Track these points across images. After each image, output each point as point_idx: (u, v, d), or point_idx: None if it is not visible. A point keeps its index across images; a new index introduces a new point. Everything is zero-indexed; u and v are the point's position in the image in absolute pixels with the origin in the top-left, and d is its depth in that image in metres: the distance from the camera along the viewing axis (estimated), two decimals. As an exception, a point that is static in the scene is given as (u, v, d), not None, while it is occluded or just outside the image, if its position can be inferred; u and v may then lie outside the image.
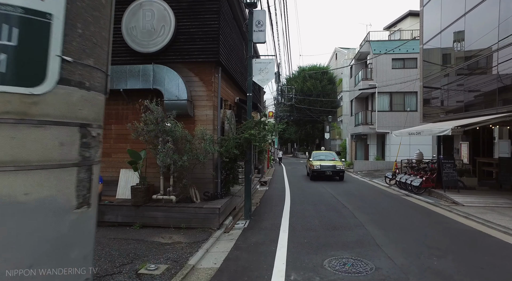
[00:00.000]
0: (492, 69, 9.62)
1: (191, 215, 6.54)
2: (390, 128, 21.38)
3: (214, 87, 7.51)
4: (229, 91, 9.41)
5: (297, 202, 9.75)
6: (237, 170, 8.18)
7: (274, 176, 18.62)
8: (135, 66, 7.19)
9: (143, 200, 6.64)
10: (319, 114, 40.06)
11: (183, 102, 7.10)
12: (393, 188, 12.92)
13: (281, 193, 11.89)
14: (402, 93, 21.55)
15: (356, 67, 24.88)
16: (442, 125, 10.21)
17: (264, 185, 14.32)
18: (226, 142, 7.28)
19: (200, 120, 7.47)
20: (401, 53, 21.53)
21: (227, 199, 7.46)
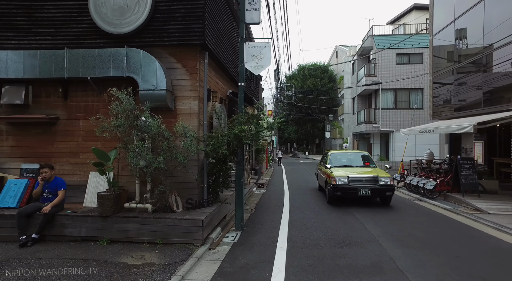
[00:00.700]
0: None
1: (170, 228, 5.36)
2: (395, 126, 20.23)
3: (199, 75, 6.33)
4: (220, 83, 8.23)
5: (297, 208, 8.57)
6: (227, 173, 7.00)
7: (273, 177, 17.44)
8: (105, 50, 6.00)
9: (112, 209, 5.45)
10: (319, 113, 38.88)
11: (161, 92, 5.93)
12: (402, 190, 11.74)
13: (279, 196, 10.71)
14: (407, 90, 20.38)
15: (358, 63, 23.71)
16: (460, 122, 9.03)
17: (262, 188, 13.15)
18: (213, 140, 6.10)
19: (183, 114, 6.29)
20: (406, 48, 20.36)
21: (214, 207, 6.28)
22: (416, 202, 9.57)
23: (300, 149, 47.60)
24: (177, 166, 5.75)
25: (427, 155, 12.31)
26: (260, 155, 16.76)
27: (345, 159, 10.31)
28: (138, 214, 5.58)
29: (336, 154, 10.84)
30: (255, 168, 15.13)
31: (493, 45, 9.38)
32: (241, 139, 5.90)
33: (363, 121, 21.44)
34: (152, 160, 5.25)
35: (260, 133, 6.08)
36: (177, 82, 6.31)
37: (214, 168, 6.47)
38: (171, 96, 6.19)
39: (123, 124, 5.20)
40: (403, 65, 20.23)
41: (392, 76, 19.75)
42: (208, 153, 6.02)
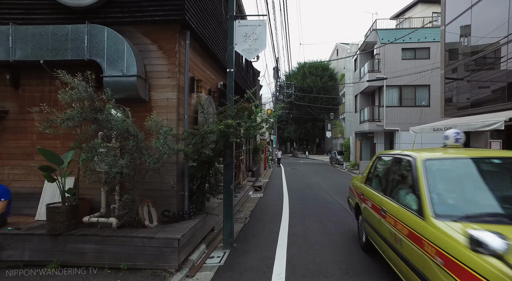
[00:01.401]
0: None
1: (137, 249, 4.20)
2: (400, 125, 19.05)
3: (179, 59, 5.17)
4: (208, 73, 7.06)
5: (297, 216, 7.41)
6: (216, 177, 5.83)
7: (272, 179, 16.28)
8: (62, 27, 4.83)
9: (66, 225, 4.29)
10: (319, 112, 37.75)
11: (130, 79, 4.76)
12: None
13: (278, 201, 9.55)
14: (412, 87, 19.20)
15: (361, 59, 22.53)
16: (483, 118, 7.88)
17: (259, 191, 11.99)
18: (195, 138, 4.94)
19: (159, 107, 5.13)
20: (412, 42, 19.17)
21: (198, 220, 5.12)
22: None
23: (300, 149, 46.45)
24: (149, 170, 4.59)
25: (440, 155, 11.16)
26: (257, 155, 15.60)
27: (486, 185, 3.13)
28: (99, 230, 4.41)
29: (448, 165, 3.50)
30: (252, 169, 13.98)
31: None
32: (228, 137, 4.74)
33: (366, 119, 20.27)
34: (113, 163, 4.08)
35: (253, 129, 4.91)
36: (152, 67, 5.16)
37: (198, 172, 5.31)
38: (143, 84, 5.02)
39: (74, 118, 4.03)
40: (408, 60, 19.06)
41: (397, 72, 18.58)
42: (188, 154, 4.85)
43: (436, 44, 18.73)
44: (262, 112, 5.08)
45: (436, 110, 18.51)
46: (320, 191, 11.83)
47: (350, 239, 5.62)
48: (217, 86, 7.77)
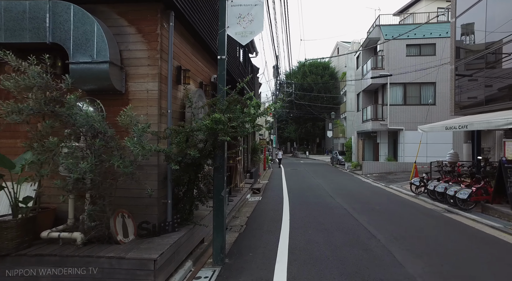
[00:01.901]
0: None
1: (104, 273, 3.41)
2: (404, 124, 18.27)
3: (162, 43, 4.37)
4: (199, 63, 6.26)
5: (299, 224, 6.62)
6: (206, 182, 5.04)
7: (271, 180, 15.47)
8: (18, 2, 4.03)
9: (16, 243, 3.49)
10: (320, 112, 36.95)
11: (102, 67, 3.97)
12: (422, 198, 9.78)
13: (277, 206, 8.75)
14: (417, 84, 18.40)
15: (363, 56, 21.73)
16: (505, 114, 7.07)
17: (257, 194, 11.20)
18: (179, 137, 4.14)
19: (137, 100, 4.34)
20: (416, 38, 18.37)
21: (182, 232, 4.32)
22: (447, 215, 7.60)
23: (300, 149, 45.63)
24: (123, 175, 3.79)
25: (451, 155, 10.37)
26: (256, 155, 14.80)
27: None
28: (60, 248, 3.62)
29: None
30: (250, 170, 13.18)
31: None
32: (217, 134, 3.94)
33: (369, 118, 19.47)
34: (72, 167, 3.29)
35: (246, 125, 4.11)
36: (130, 54, 4.36)
37: (184, 176, 4.51)
38: (119, 73, 4.23)
39: (22, 111, 3.23)
40: (413, 57, 18.25)
41: (402, 69, 17.78)
42: (169, 155, 4.05)
43: (442, 40, 17.96)
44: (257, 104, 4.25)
45: (442, 109, 17.72)
46: (323, 193, 11.03)
47: (362, 254, 4.82)
48: (210, 79, 6.97)
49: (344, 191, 11.59)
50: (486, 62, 9.65)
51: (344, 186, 13.33)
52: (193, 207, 4.88)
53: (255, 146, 14.76)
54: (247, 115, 4.06)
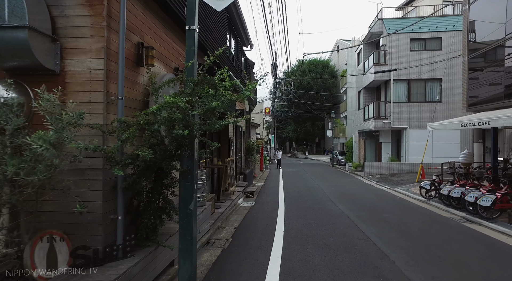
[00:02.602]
0: None
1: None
2: (408, 123, 17.18)
3: (111, 8, 3.26)
4: (173, 44, 5.14)
5: (294, 238, 5.52)
6: (175, 190, 3.92)
7: (267, 182, 14.37)
8: None
9: None
10: (319, 111, 35.85)
11: (17, 35, 2.86)
12: (434, 203, 8.67)
13: (271, 213, 7.65)
14: (422, 81, 17.30)
15: (365, 52, 20.63)
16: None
17: (250, 198, 10.10)
18: (128, 131, 3.03)
19: (76, 83, 3.24)
20: (421, 32, 17.28)
21: (137, 258, 3.21)
22: (468, 226, 6.49)
23: (300, 149, 44.53)
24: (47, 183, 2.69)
25: (465, 156, 9.28)
26: (251, 155, 13.69)
27: None
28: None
29: None
30: (244, 172, 12.07)
31: None
32: (173, 125, 2.84)
33: (371, 117, 18.38)
34: None
35: (213, 113, 2.99)
36: (66, 21, 3.25)
37: (137, 185, 3.39)
38: (49, 46, 3.12)
39: None
40: (418, 52, 17.15)
41: (406, 64, 16.68)
42: (111, 156, 2.95)
43: (448, 33, 16.88)
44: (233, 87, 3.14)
45: (449, 106, 16.61)
46: (322, 197, 9.93)
47: (364, 271, 3.72)
48: (190, 66, 5.85)
49: (346, 195, 10.49)
50: (506, 52, 8.54)
51: (346, 188, 12.23)
52: (158, 222, 3.76)
53: (250, 145, 13.66)
54: (220, 98, 2.93)
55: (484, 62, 9.64)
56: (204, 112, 2.88)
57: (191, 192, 3.41)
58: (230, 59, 9.25)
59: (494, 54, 9.06)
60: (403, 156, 17.52)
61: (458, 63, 16.18)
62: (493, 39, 9.01)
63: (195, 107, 2.87)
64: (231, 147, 10.02)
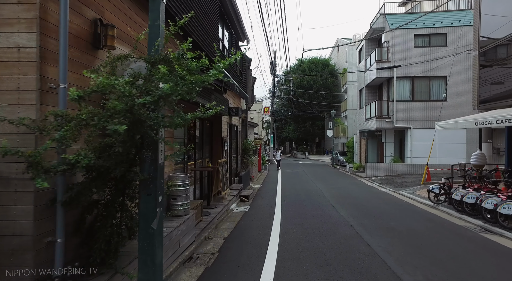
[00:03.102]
0: None
1: None
2: (412, 122, 16.38)
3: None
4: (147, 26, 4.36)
5: (290, 252, 4.74)
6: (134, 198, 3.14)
7: (265, 184, 13.58)
8: None
9: None
10: (320, 110, 35.05)
11: None
12: (444, 209, 7.88)
13: (266, 220, 6.87)
14: (427, 78, 16.50)
15: (366, 49, 19.82)
16: None
17: (245, 202, 9.31)
18: (65, 128, 2.24)
19: (0, 65, 2.46)
20: (426, 27, 16.49)
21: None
22: (488, 237, 5.69)
23: (299, 149, 43.72)
24: None
25: (477, 157, 8.46)
26: (247, 156, 12.90)
27: None
28: None
29: None
30: (239, 173, 11.29)
31: None
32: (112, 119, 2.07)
33: (373, 116, 17.59)
34: None
35: (168, 101, 2.21)
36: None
37: (88, 196, 2.61)
38: (-40, 14, 2.34)
39: None
40: (422, 48, 16.35)
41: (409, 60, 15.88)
42: (33, 162, 2.17)
43: (454, 29, 16.08)
44: (198, 67, 2.33)
45: (455, 105, 15.80)
46: (323, 202, 9.14)
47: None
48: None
49: (348, 199, 9.70)
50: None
51: (347, 191, 11.44)
52: (120, 242, 2.99)
53: (246, 145, 12.87)
54: (171, 79, 2.13)
55: (498, 56, 8.86)
56: (156, 100, 2.10)
57: (154, 206, 2.63)
58: (223, 53, 8.47)
59: (509, 47, 8.28)
60: (407, 156, 16.73)
61: (464, 59, 15.40)
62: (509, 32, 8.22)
63: (144, 93, 2.10)
64: (224, 147, 9.24)
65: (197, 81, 2.21)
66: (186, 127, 6.75)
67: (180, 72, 2.13)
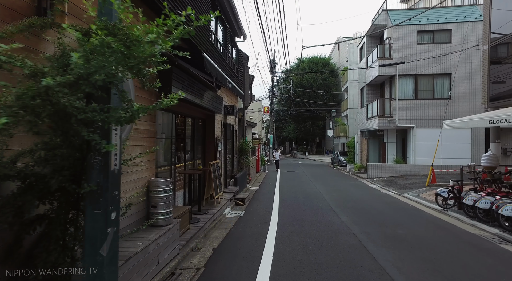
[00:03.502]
0: None
1: None
2: (415, 121, 15.75)
3: None
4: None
5: (285, 269, 4.13)
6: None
7: (263, 186, 12.98)
8: None
9: None
10: (320, 110, 34.42)
11: None
12: (454, 214, 7.27)
13: (261, 227, 6.26)
14: (430, 76, 15.87)
15: (368, 47, 19.20)
16: None
17: (240, 206, 8.71)
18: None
19: None
20: (429, 23, 15.86)
21: None
22: (508, 249, 5.07)
23: (299, 149, 43.09)
24: None
25: (488, 158, 7.84)
26: (244, 157, 12.28)
27: None
28: None
29: None
30: (235, 175, 10.68)
31: None
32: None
33: (374, 115, 16.96)
34: None
35: (88, 83, 1.60)
36: None
37: (7, 215, 1.99)
38: None
39: None
40: (425, 45, 15.72)
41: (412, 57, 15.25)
42: None
43: (459, 25, 15.44)
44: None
45: (460, 104, 15.16)
46: (323, 206, 8.54)
47: None
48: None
49: (350, 203, 9.08)
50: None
51: (349, 194, 10.83)
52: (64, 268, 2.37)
53: (243, 145, 12.26)
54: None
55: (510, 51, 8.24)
56: (71, 81, 1.48)
57: (104, 226, 2.02)
58: (215, 46, 7.86)
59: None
60: (409, 157, 16.09)
61: (470, 57, 14.77)
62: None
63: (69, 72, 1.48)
64: (218, 147, 8.63)
65: (131, 52, 1.59)
66: (173, 126, 6.15)
67: (108, 41, 1.51)
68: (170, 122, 6.10)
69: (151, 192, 4.33)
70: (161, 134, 5.63)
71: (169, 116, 6.07)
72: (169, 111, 5.98)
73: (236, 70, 10.98)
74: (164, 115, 5.80)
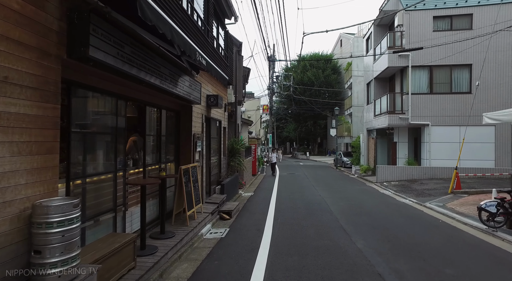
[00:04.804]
0: None
1: None
2: (431, 118, 13.78)
3: None
4: None
5: None
6: None
7: (258, 191, 11.05)
8: None
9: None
10: (322, 108, 32.45)
11: None
12: (507, 237, 5.32)
13: (246, 258, 4.34)
14: (448, 67, 13.90)
15: (375, 38, 17.24)
16: None
17: (226, 220, 6.80)
18: None
19: None
20: (447, 7, 13.91)
21: None
22: None
23: (301, 149, 41.11)
24: None
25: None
26: (235, 159, 10.33)
27: None
28: None
29: None
30: (222, 181, 8.74)
31: None
32: None
33: (383, 111, 15.01)
34: None
35: None
36: None
37: None
38: None
39: None
40: (442, 32, 13.76)
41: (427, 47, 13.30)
42: None
43: (482, 8, 13.47)
44: None
45: (482, 98, 13.13)
46: (329, 222, 6.61)
47: None
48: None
49: (363, 216, 7.15)
50: None
51: (359, 203, 8.89)
52: None
53: (234, 145, 10.33)
54: None
55: None
56: None
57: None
58: (190, 17, 5.95)
59: None
60: (423, 158, 14.11)
61: (495, 45, 12.78)
62: None
63: None
64: (196, 147, 6.72)
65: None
66: (118, 116, 4.24)
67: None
68: (114, 111, 4.21)
69: (35, 226, 2.42)
70: (101, 130, 3.74)
71: (111, 102, 4.16)
72: (109, 94, 4.07)
73: (224, 56, 9.08)
74: (97, 99, 3.90)
